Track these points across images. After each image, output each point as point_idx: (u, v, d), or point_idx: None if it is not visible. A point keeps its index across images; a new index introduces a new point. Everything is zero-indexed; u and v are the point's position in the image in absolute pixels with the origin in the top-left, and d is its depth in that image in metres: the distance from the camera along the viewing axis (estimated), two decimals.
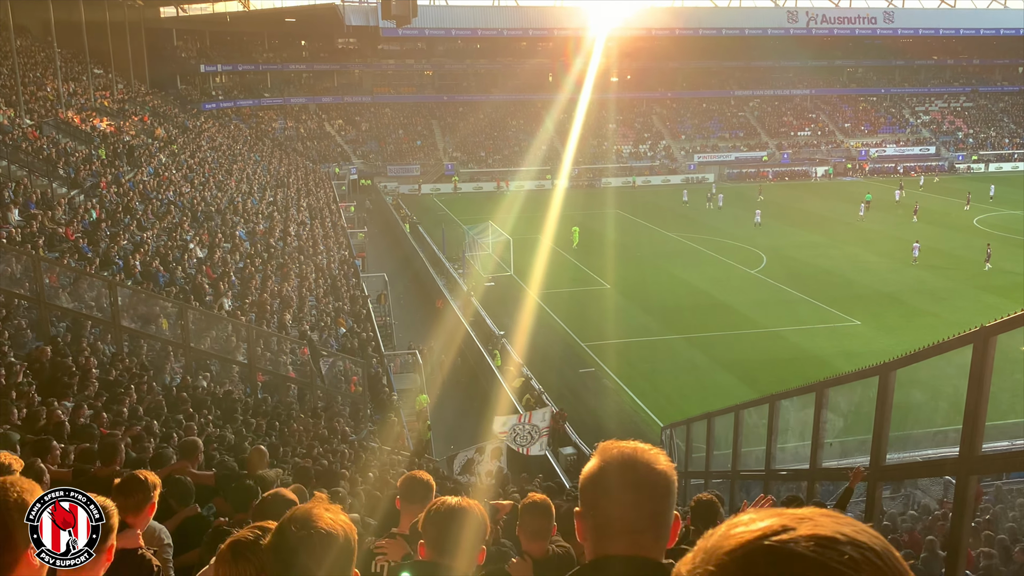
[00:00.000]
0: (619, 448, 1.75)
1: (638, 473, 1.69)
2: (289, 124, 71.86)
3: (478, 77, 79.27)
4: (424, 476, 4.07)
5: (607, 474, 1.71)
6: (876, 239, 42.70)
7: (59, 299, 15.28)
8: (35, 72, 41.31)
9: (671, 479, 1.72)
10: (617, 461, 1.72)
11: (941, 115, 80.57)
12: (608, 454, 1.75)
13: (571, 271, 38.22)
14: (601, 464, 1.73)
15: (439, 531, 2.76)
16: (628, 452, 1.73)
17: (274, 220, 35.25)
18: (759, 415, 11.34)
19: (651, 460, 1.71)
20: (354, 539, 1.94)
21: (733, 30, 76.30)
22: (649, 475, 1.69)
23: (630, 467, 1.70)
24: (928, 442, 8.53)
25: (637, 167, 69.95)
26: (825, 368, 20.25)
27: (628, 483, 1.68)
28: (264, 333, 20.03)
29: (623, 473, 1.69)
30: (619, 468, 1.71)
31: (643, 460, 1.71)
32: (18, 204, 21.05)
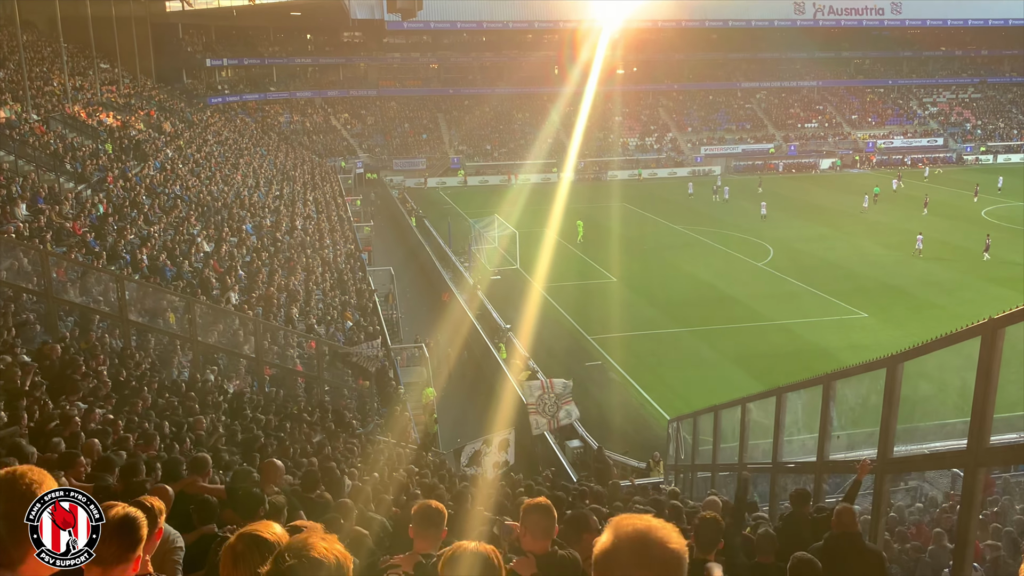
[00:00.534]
0: (633, 525, 1.76)
1: (651, 552, 1.71)
2: (295, 118, 71.88)
3: (483, 70, 79.14)
4: (437, 505, 4.10)
5: (620, 552, 1.73)
6: (884, 231, 42.57)
7: (67, 293, 15.34)
8: (42, 67, 41.37)
9: (683, 558, 1.73)
10: (630, 539, 1.74)
11: (949, 106, 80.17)
12: (621, 531, 1.76)
13: (577, 264, 38.20)
14: (614, 541, 1.75)
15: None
16: (642, 530, 1.74)
17: (280, 214, 35.29)
18: (766, 408, 11.33)
19: (664, 539, 1.73)
20: (348, 568, 2.00)
21: (739, 22, 76.03)
22: (661, 554, 1.71)
23: (643, 546, 1.72)
24: (935, 435, 8.50)
25: (643, 159, 69.81)
26: (832, 361, 20.25)
27: (640, 562, 1.70)
28: (271, 327, 20.08)
29: (637, 551, 1.71)
30: (632, 546, 1.72)
31: (656, 539, 1.72)
32: (26, 199, 21.12)
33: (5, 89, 33.65)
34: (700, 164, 69.27)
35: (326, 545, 1.99)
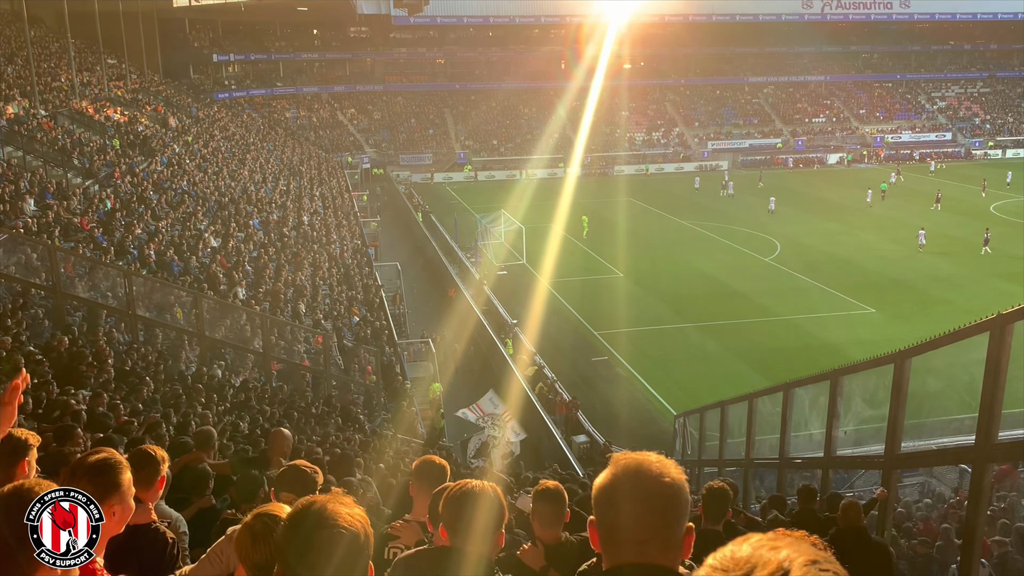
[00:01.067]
0: (628, 459, 1.77)
1: (644, 484, 1.70)
2: (302, 113, 71.92)
3: (490, 65, 79.04)
4: (438, 460, 4.05)
5: (616, 485, 1.73)
6: (892, 227, 42.40)
7: (75, 288, 15.39)
8: (49, 63, 41.48)
9: (678, 490, 1.72)
10: (625, 472, 1.74)
11: (958, 101, 79.79)
12: (618, 465, 1.77)
13: (583, 259, 38.16)
14: (612, 475, 1.76)
15: (456, 514, 2.74)
16: (636, 463, 1.75)
17: (287, 209, 35.34)
18: (773, 403, 11.32)
19: (659, 471, 1.72)
20: (370, 533, 1.88)
21: (747, 16, 75.75)
22: (655, 486, 1.70)
23: (637, 478, 1.72)
24: (943, 430, 8.48)
25: (650, 154, 69.67)
26: (839, 356, 20.16)
27: (634, 495, 1.70)
28: (278, 322, 20.11)
29: (631, 484, 1.71)
30: (627, 479, 1.72)
31: (650, 471, 1.72)
32: (34, 194, 21.19)
33: (13, 85, 33.75)
34: (707, 159, 69.08)
35: (349, 511, 1.85)
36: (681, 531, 1.73)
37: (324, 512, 1.82)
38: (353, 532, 1.81)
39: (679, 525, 1.73)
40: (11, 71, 35.77)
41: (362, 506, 1.93)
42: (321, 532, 1.80)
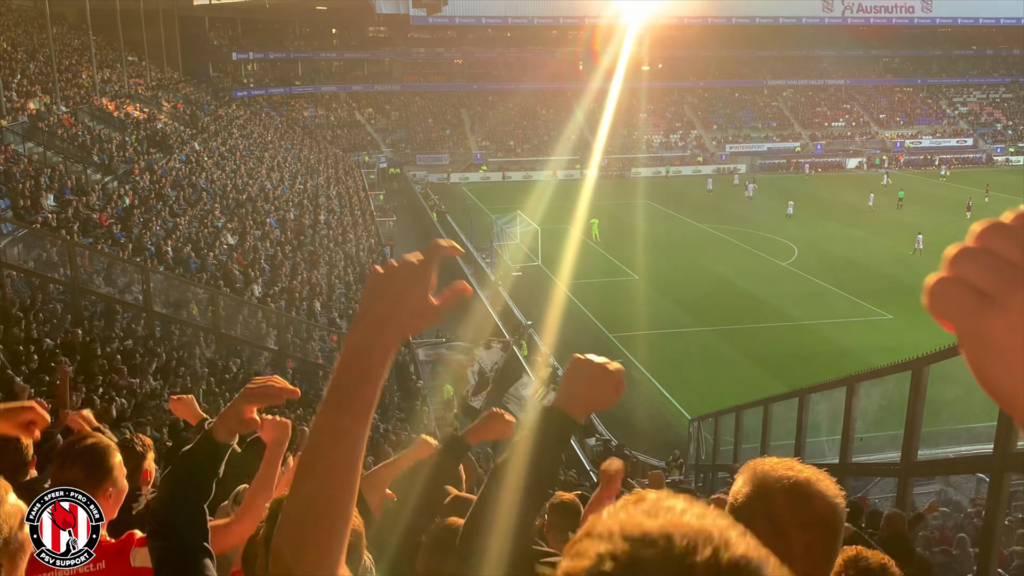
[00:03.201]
0: (784, 476, 1.45)
1: (814, 509, 1.41)
2: (319, 112, 72.18)
3: (508, 66, 79.05)
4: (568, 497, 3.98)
5: (773, 506, 1.41)
6: (912, 232, 41.99)
7: (93, 284, 15.50)
8: (71, 60, 41.82)
9: (843, 512, 1.45)
10: (788, 493, 1.42)
11: (979, 106, 79.07)
12: (771, 481, 1.45)
13: (600, 262, 38.07)
14: (763, 494, 1.44)
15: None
16: (797, 483, 1.43)
17: (304, 208, 35.47)
18: (788, 409, 11.24)
19: (825, 493, 1.43)
20: (360, 528, 1.86)
21: (767, 19, 75.38)
22: (826, 511, 1.41)
23: (805, 501, 1.41)
24: (961, 439, 8.39)
25: (668, 157, 69.46)
26: (857, 362, 20.04)
27: (803, 522, 1.39)
28: (294, 320, 20.18)
29: (796, 509, 1.40)
30: (791, 502, 1.41)
31: (817, 492, 1.42)
32: (53, 190, 21.36)
33: (35, 81, 34.05)
34: (725, 162, 68.79)
35: None
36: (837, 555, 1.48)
37: None
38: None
39: (839, 548, 1.48)
40: (33, 68, 36.09)
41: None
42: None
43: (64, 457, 2.53)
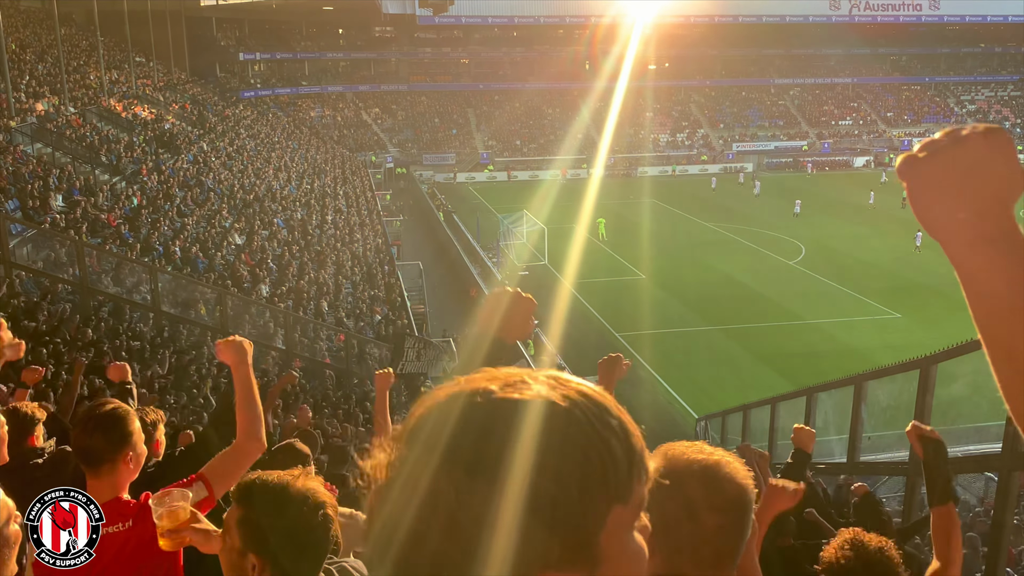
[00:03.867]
0: (694, 459, 1.46)
1: (725, 492, 1.43)
2: (326, 112, 72.30)
3: (514, 65, 79.05)
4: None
5: (686, 490, 1.42)
6: (919, 230, 41.90)
7: (101, 284, 15.57)
8: (79, 61, 41.98)
9: (752, 492, 1.46)
10: (698, 476, 1.43)
11: (988, 104, 78.77)
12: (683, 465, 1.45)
13: (606, 261, 38.06)
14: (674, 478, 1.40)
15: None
16: (708, 466, 1.44)
17: (311, 208, 35.54)
18: (796, 408, 11.23)
19: (733, 475, 1.44)
20: (328, 502, 1.87)
21: (774, 17, 75.19)
22: (735, 493, 1.43)
23: (715, 484, 1.43)
24: (969, 438, 8.38)
25: (674, 156, 69.36)
26: (864, 361, 19.99)
27: (714, 504, 1.41)
28: (301, 319, 20.23)
29: (708, 492, 1.42)
30: (703, 485, 1.43)
31: (727, 475, 1.44)
32: (62, 190, 21.45)
33: (43, 82, 34.19)
34: (732, 161, 68.67)
35: (303, 483, 1.86)
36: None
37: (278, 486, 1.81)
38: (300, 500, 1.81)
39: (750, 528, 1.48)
40: (42, 69, 36.24)
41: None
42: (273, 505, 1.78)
43: (85, 423, 2.54)
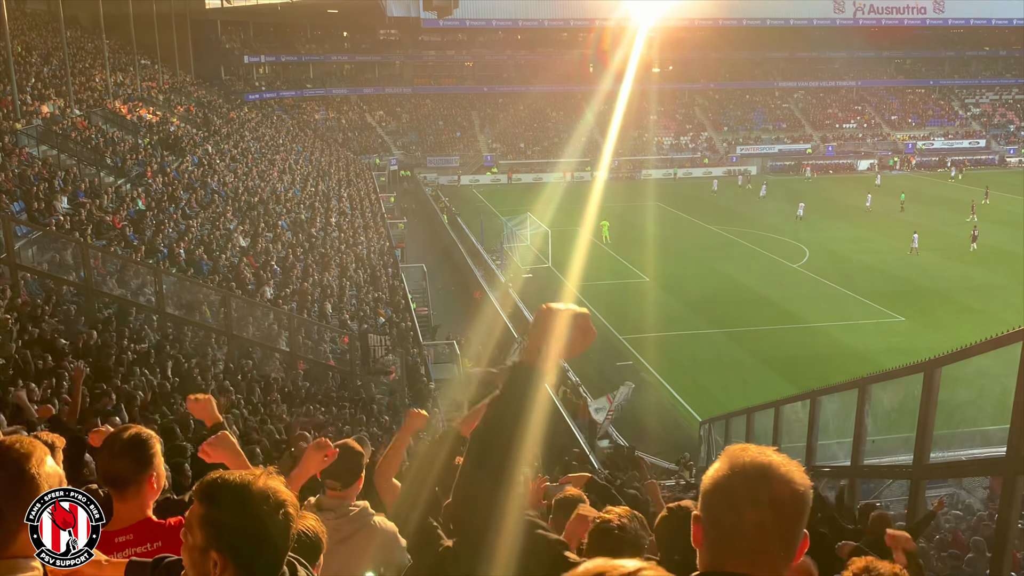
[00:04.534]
0: (752, 458, 1.55)
1: (770, 490, 1.50)
2: (331, 115, 72.41)
3: (518, 68, 79.10)
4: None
5: (736, 486, 1.52)
6: (923, 234, 41.80)
7: (106, 286, 15.60)
8: (84, 63, 42.09)
9: (806, 499, 1.53)
10: (750, 473, 1.53)
11: (992, 107, 78.64)
12: (739, 462, 1.55)
13: (610, 263, 38.06)
14: (730, 473, 1.54)
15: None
16: (763, 464, 1.53)
17: (315, 210, 35.59)
18: (800, 411, 11.22)
19: (788, 476, 1.52)
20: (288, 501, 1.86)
21: (778, 20, 75.15)
22: (785, 493, 1.51)
23: (763, 482, 1.51)
24: (973, 441, 8.37)
25: (678, 159, 69.33)
26: (868, 364, 19.96)
27: (758, 500, 1.49)
28: (305, 322, 20.26)
29: (753, 488, 1.50)
30: (751, 482, 1.52)
31: (779, 475, 1.52)
32: (67, 192, 21.50)
33: (49, 84, 34.28)
34: (736, 164, 68.64)
35: (265, 483, 1.85)
36: (800, 539, 1.55)
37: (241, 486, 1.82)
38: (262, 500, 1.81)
39: (801, 533, 1.55)
40: (47, 71, 36.33)
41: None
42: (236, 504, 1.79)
43: (111, 448, 2.63)
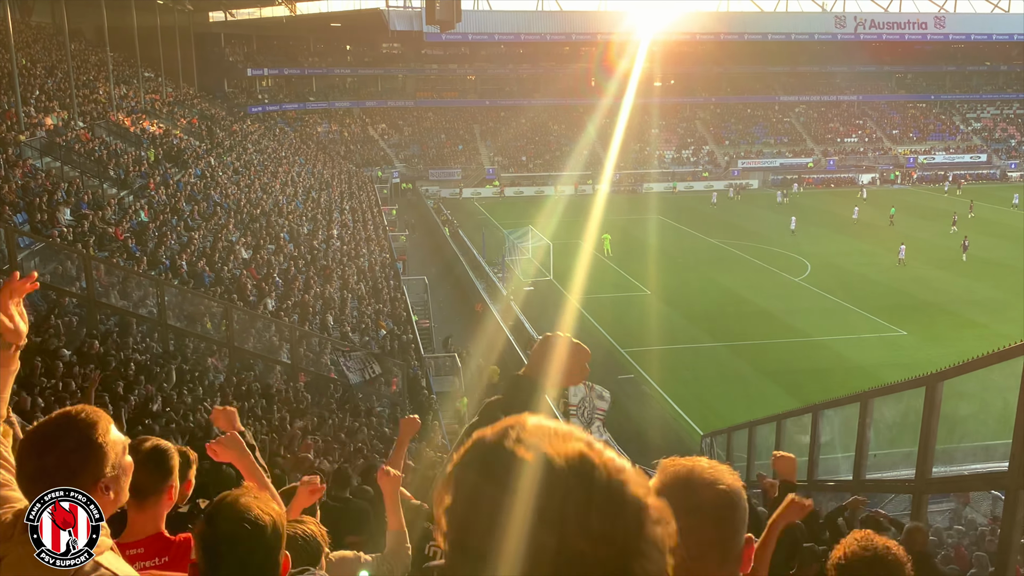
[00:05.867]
0: (677, 466, 1.59)
1: (696, 496, 1.52)
2: (333, 128, 72.63)
3: (520, 82, 79.38)
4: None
5: (666, 496, 1.47)
6: (925, 248, 41.87)
7: (108, 297, 15.62)
8: (88, 76, 42.28)
9: (734, 500, 1.55)
10: (676, 481, 1.55)
11: (993, 122, 78.80)
12: (666, 472, 1.58)
13: (611, 277, 38.06)
14: (660, 484, 1.56)
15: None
16: (687, 470, 1.56)
17: (317, 223, 35.64)
18: (802, 425, 11.19)
19: (712, 480, 1.54)
20: (282, 526, 2.05)
21: (779, 35, 75.37)
22: (709, 498, 1.52)
23: (687, 488, 1.53)
24: (976, 456, 8.35)
25: (680, 172, 69.44)
26: (870, 378, 19.92)
27: (685, 507, 1.47)
28: (307, 334, 20.25)
29: (680, 496, 1.50)
30: (677, 489, 1.53)
31: (702, 480, 1.54)
32: (70, 204, 21.56)
33: (53, 97, 34.44)
34: (737, 177, 68.75)
35: (260, 505, 2.02)
36: (739, 544, 1.57)
37: (235, 505, 2.02)
38: (261, 524, 1.99)
39: (738, 538, 1.56)
40: (51, 84, 36.51)
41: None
42: (230, 525, 1.99)
43: (132, 458, 2.63)
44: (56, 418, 2.01)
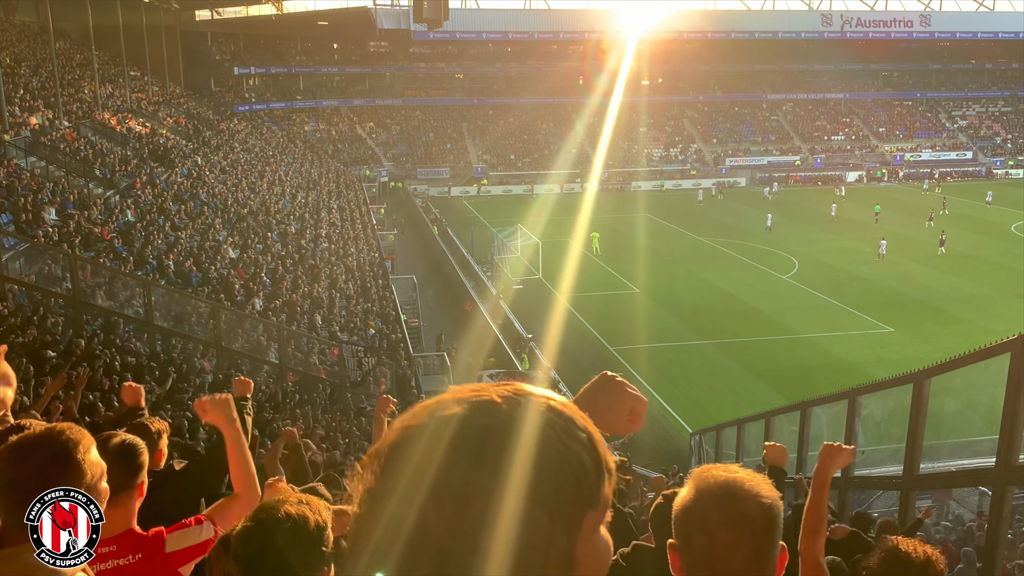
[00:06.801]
0: (715, 477, 1.56)
1: (738, 508, 1.50)
2: (321, 126, 72.42)
3: (508, 80, 79.36)
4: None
5: (706, 508, 1.52)
6: (911, 245, 42.11)
7: (94, 298, 15.52)
8: (73, 75, 42.00)
9: (776, 512, 1.54)
10: (717, 493, 1.53)
11: (979, 119, 79.29)
12: (704, 483, 1.56)
13: (600, 275, 38.10)
14: (698, 495, 1.54)
15: None
16: (727, 482, 1.54)
17: (305, 222, 35.54)
18: (790, 422, 11.23)
19: (754, 492, 1.52)
20: (323, 521, 2.06)
21: (766, 33, 75.66)
22: (752, 509, 1.50)
23: (727, 500, 1.51)
24: (963, 452, 8.39)
25: (667, 171, 69.57)
26: (858, 375, 20.02)
27: (727, 520, 1.49)
28: (295, 333, 20.19)
29: (722, 507, 1.50)
30: (714, 501, 1.52)
31: (746, 491, 1.52)
32: (55, 204, 21.41)
33: (38, 96, 34.19)
34: (725, 175, 68.94)
35: (297, 504, 2.05)
36: (776, 554, 1.55)
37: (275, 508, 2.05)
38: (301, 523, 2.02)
39: (776, 549, 1.55)
40: (36, 83, 36.24)
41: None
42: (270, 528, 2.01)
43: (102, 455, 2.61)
44: (40, 431, 2.01)
